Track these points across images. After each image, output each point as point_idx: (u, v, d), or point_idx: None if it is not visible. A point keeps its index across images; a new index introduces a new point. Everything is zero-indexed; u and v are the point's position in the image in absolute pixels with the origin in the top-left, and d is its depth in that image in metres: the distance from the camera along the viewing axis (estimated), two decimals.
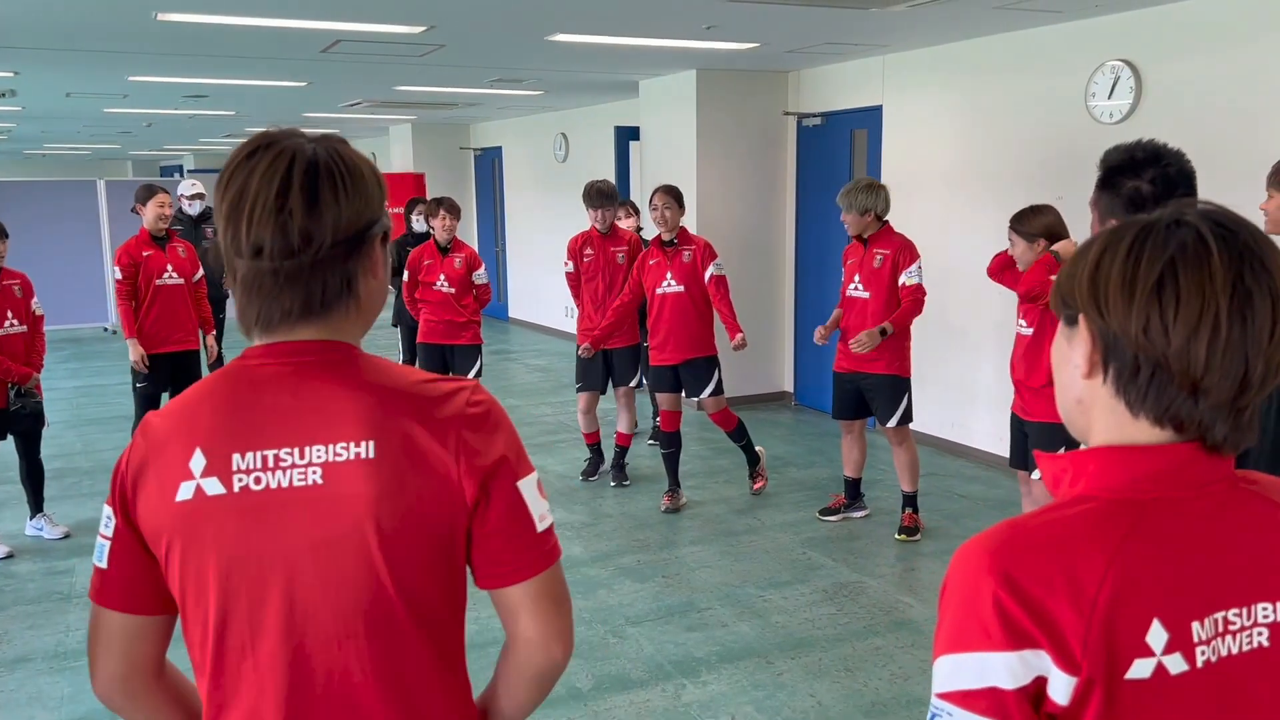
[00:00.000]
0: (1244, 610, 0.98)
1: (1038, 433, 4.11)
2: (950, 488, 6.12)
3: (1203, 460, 0.99)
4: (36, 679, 3.87)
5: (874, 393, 5.16)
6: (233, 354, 1.69)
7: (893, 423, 5.15)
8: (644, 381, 7.35)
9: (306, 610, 1.18)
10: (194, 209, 7.98)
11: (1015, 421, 4.31)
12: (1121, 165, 2.23)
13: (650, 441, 7.22)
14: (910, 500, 5.30)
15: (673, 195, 5.51)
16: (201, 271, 6.06)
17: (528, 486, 1.24)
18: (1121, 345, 0.98)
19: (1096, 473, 1.00)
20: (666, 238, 5.54)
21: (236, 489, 1.17)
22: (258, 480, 1.17)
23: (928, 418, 7.04)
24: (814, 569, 4.88)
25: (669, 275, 5.51)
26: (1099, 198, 2.28)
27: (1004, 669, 0.92)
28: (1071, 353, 1.04)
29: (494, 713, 1.33)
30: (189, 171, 20.41)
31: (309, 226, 1.16)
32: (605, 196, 6.00)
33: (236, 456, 1.17)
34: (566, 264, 6.22)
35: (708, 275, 5.49)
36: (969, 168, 6.60)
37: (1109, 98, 5.58)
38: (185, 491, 1.17)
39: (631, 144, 9.18)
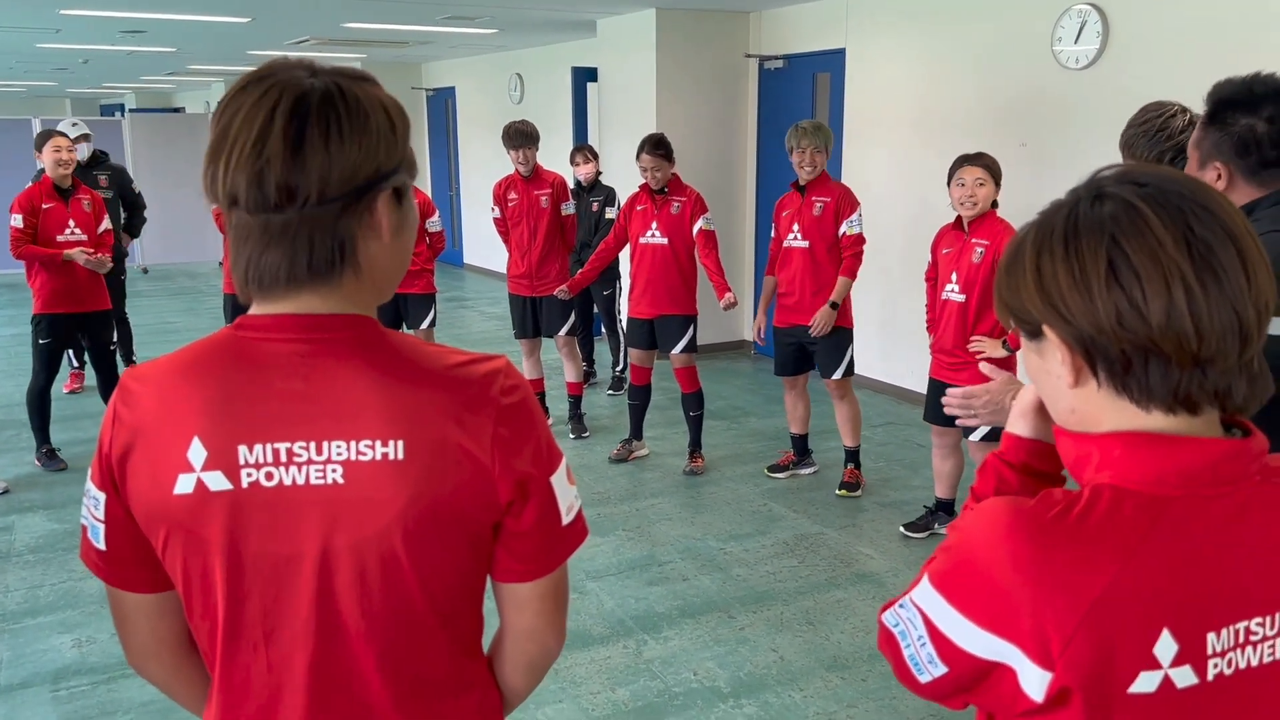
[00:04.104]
0: (1268, 619, 0.91)
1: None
2: (909, 437, 6.12)
3: (1234, 455, 0.91)
4: None
5: (816, 346, 5.03)
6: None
7: (836, 375, 5.04)
8: (592, 329, 7.25)
9: (324, 612, 1.09)
10: (80, 153, 6.70)
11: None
12: (1235, 99, 1.91)
13: (610, 391, 7.14)
14: (852, 455, 5.21)
15: (660, 153, 5.17)
16: (108, 223, 5.74)
17: (559, 480, 1.15)
18: (1102, 343, 0.90)
19: (1121, 460, 0.92)
20: (655, 186, 5.29)
21: (245, 485, 1.05)
22: (269, 476, 1.05)
23: (886, 366, 7.03)
24: (774, 521, 4.85)
25: (654, 225, 5.28)
26: (1203, 136, 1.93)
27: (968, 636, 0.91)
28: (1046, 364, 0.97)
29: None
30: (130, 110, 19.68)
31: (289, 178, 1.00)
32: (525, 136, 5.83)
33: (243, 449, 1.05)
34: (493, 209, 6.10)
35: (695, 229, 5.24)
36: (932, 113, 6.50)
37: (1075, 42, 5.50)
38: (184, 485, 1.05)
39: (589, 85, 8.95)
